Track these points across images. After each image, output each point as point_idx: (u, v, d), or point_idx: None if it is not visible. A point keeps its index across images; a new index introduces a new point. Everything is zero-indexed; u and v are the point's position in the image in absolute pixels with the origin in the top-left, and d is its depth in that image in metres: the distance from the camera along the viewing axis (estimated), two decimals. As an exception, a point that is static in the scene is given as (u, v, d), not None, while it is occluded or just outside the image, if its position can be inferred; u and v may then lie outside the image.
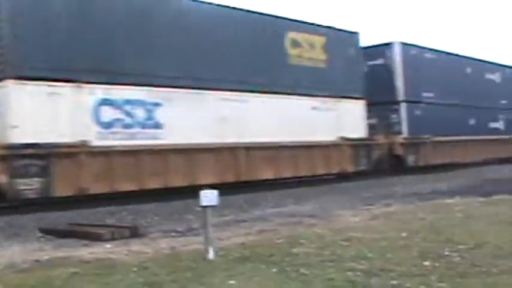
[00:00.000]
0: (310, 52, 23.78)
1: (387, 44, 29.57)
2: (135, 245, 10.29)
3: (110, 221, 14.08)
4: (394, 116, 29.12)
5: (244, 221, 13.40)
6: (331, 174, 24.88)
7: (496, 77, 38.10)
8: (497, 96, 37.63)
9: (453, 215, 12.46)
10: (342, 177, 24.94)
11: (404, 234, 9.95)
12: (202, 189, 8.53)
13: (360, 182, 23.73)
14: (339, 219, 12.85)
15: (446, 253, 8.19)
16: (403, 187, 21.62)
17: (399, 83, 29.07)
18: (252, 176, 20.81)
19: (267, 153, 21.35)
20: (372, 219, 12.53)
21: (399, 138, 28.41)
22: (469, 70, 34.85)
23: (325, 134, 23.70)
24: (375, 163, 26.51)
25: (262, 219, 13.62)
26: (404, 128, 28.96)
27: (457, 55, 34.61)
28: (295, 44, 23.21)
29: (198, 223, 12.12)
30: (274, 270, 7.53)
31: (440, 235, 9.76)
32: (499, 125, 37.79)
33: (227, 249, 9.15)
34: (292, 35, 23.10)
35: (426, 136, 29.56)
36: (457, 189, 19.93)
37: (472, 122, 34.17)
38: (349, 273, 7.15)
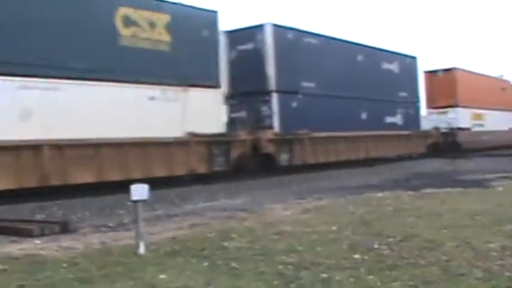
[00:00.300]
0: (148, 32, 19.93)
1: (258, 26, 25.76)
2: (66, 241, 10.18)
3: (40, 216, 13.87)
4: (265, 108, 25.53)
5: (176, 215, 13.38)
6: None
7: (393, 66, 34.57)
8: (395, 88, 34.41)
9: (383, 209, 12.70)
10: (275, 171, 24.54)
11: (334, 228, 10.09)
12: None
13: (292, 176, 23.78)
14: (270, 213, 12.96)
15: (376, 246, 8.34)
16: (335, 181, 21.84)
17: (271, 70, 25.30)
18: (64, 179, 17.16)
19: (84, 152, 17.68)
20: (303, 213, 12.66)
21: (268, 134, 24.67)
22: (361, 58, 31.38)
23: (166, 129, 19.94)
24: (235, 162, 22.87)
25: (194, 213, 13.62)
26: (276, 122, 25.29)
27: (346, 41, 30.98)
28: (129, 22, 19.30)
29: (130, 218, 12.08)
30: (205, 264, 7.57)
31: (370, 228, 9.95)
32: (397, 119, 34.41)
33: (158, 243, 9.15)
34: (124, 11, 19.18)
35: (303, 132, 26.05)
36: (387, 183, 20.30)
37: (364, 116, 31.01)
38: (280, 266, 7.24)
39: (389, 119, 33.57)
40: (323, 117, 27.16)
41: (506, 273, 6.58)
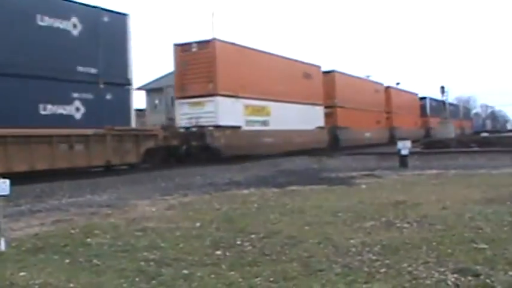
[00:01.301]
0: None
1: None
2: None
3: None
4: None
5: (39, 211, 13.13)
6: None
7: (69, 25, 21.38)
8: (70, 58, 21.39)
9: (247, 206, 12.88)
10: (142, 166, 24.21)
11: (198, 224, 10.21)
12: None
13: (160, 171, 23.60)
14: (135, 210, 12.92)
15: (238, 242, 8.50)
16: (202, 178, 21.91)
17: None
18: None
19: None
20: (168, 209, 12.71)
21: None
22: None
23: None
24: None
25: (58, 209, 13.41)
26: None
27: None
28: None
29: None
30: (67, 261, 7.54)
31: (233, 225, 10.11)
32: (73, 110, 21.29)
33: (20, 240, 9.03)
34: None
35: None
36: (253, 180, 20.51)
37: None
38: (142, 263, 7.30)
39: (53, 109, 20.59)
40: None
41: (364, 268, 6.83)
